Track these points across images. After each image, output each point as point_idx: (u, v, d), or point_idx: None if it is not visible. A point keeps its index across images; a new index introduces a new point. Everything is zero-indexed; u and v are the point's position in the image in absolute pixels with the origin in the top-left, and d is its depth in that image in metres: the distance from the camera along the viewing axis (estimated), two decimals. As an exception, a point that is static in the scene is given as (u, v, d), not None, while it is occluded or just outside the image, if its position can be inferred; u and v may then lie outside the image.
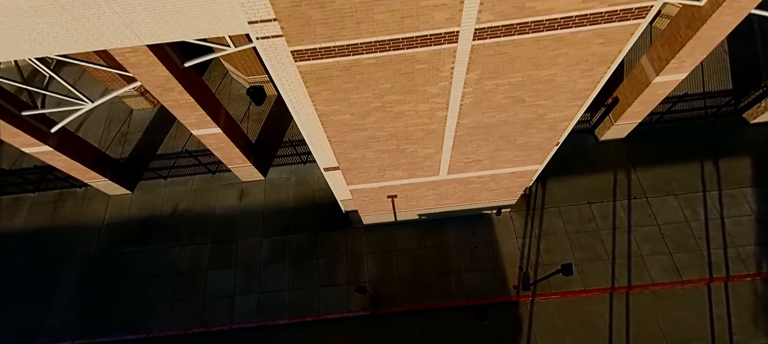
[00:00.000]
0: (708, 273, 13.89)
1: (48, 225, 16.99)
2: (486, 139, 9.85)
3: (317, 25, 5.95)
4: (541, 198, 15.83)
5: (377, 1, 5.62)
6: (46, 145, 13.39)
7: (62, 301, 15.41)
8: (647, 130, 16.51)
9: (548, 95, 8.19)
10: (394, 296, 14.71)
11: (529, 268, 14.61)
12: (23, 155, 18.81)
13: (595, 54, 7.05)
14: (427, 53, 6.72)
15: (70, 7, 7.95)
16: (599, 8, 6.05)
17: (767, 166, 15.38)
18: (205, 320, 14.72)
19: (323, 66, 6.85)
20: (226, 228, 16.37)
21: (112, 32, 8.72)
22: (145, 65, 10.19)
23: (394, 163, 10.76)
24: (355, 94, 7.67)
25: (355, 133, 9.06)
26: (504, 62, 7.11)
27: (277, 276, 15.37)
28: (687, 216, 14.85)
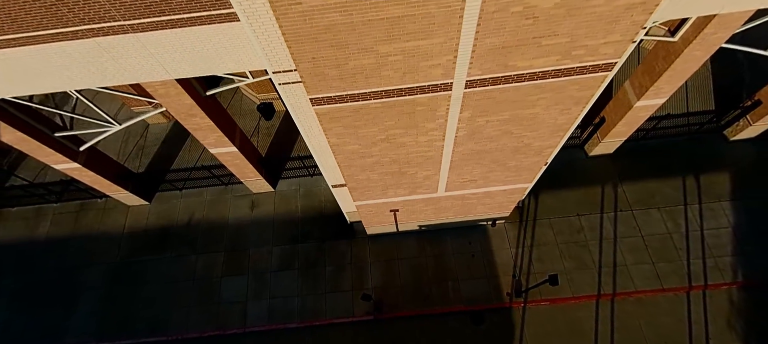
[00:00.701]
0: (687, 281, 14.95)
1: (71, 234, 18.12)
2: (479, 162, 10.94)
3: (333, 79, 7.06)
4: (533, 210, 16.91)
5: (384, 62, 6.72)
6: (75, 162, 14.52)
7: (86, 305, 16.52)
8: (634, 145, 17.58)
9: (533, 128, 9.28)
10: (396, 302, 15.79)
11: (521, 276, 15.68)
12: (46, 168, 19.93)
13: (571, 97, 8.14)
14: (426, 98, 7.82)
15: (116, 54, 9.09)
16: (571, 64, 7.15)
17: (745, 181, 16.44)
18: (220, 324, 15.82)
19: (336, 108, 7.95)
20: (239, 237, 17.47)
21: (147, 70, 9.85)
22: (172, 95, 11.32)
23: (396, 183, 11.85)
24: (363, 129, 8.77)
25: (362, 160, 10.16)
26: (492, 104, 8.20)
27: (287, 282, 16.47)
28: (669, 228, 15.92)
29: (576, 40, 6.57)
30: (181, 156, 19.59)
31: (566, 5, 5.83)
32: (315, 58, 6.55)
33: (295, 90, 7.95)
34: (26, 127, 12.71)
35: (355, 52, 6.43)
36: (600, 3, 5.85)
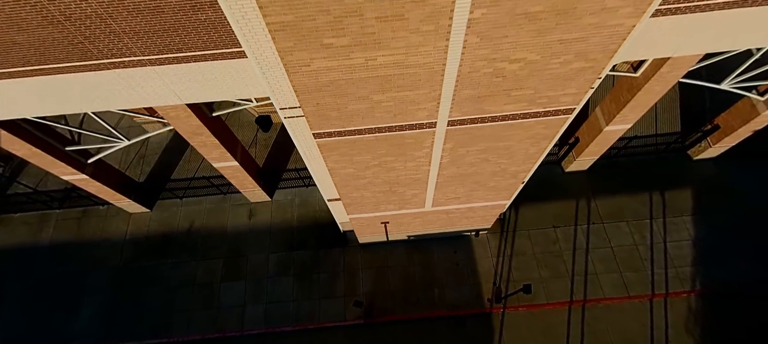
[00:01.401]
0: (651, 289, 16.40)
1: (74, 240, 18.83)
2: (462, 183, 12.14)
3: (333, 119, 8.17)
4: (514, 222, 18.21)
5: (378, 107, 7.85)
6: (83, 173, 15.33)
7: (90, 309, 17.28)
8: (606, 163, 19.01)
9: (507, 157, 10.51)
10: (385, 307, 16.92)
11: (501, 284, 16.96)
12: (47, 174, 20.56)
13: (539, 133, 9.38)
14: (414, 134, 8.97)
15: (134, 83, 10.06)
16: (537, 109, 8.37)
17: (705, 198, 17.99)
18: (219, 327, 16.75)
19: (335, 140, 9.06)
20: (237, 244, 18.41)
21: (162, 97, 10.83)
22: (182, 118, 12.28)
23: (387, 200, 12.99)
24: (358, 157, 9.89)
25: (357, 180, 11.27)
26: (471, 138, 9.40)
27: (283, 288, 17.47)
28: (636, 240, 17.37)
29: (539, 92, 7.80)
30: (181, 165, 20.43)
31: (529, 68, 7.05)
32: (319, 104, 7.65)
33: (299, 123, 9.03)
34: (40, 142, 13.52)
35: (353, 100, 7.55)
36: (556, 66, 7.08)
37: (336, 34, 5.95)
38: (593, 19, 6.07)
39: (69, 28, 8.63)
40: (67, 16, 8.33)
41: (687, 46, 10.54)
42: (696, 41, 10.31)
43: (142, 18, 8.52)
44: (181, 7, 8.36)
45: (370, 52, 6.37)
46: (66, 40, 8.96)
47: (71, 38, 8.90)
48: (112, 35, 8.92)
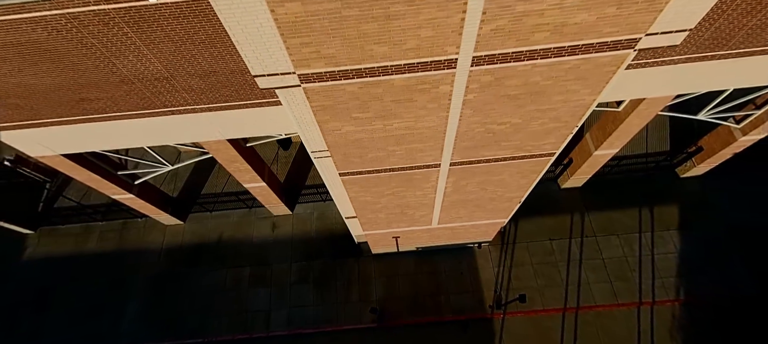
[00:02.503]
0: (638, 298, 17.96)
1: (116, 249, 21.00)
2: (464, 206, 13.91)
3: (356, 163, 10.02)
4: (513, 235, 19.90)
5: (392, 155, 9.68)
6: (131, 193, 17.44)
7: (132, 312, 19.40)
8: (599, 180, 20.55)
9: (502, 187, 12.26)
10: (396, 311, 18.74)
11: (501, 291, 18.67)
12: (90, 189, 22.76)
13: (527, 169, 11.12)
14: (421, 172, 10.79)
15: (187, 124, 12.04)
16: (523, 153, 10.13)
17: (690, 213, 19.47)
18: (247, 329, 18.73)
19: (356, 177, 10.92)
20: (262, 254, 20.39)
21: (208, 134, 12.81)
22: (222, 149, 14.26)
23: (398, 219, 14.81)
24: (375, 188, 11.73)
25: (373, 205, 13.12)
26: (470, 174, 11.18)
27: (303, 294, 19.40)
28: (625, 252, 18.93)
29: (524, 142, 9.56)
30: (210, 181, 22.50)
31: (513, 128, 8.82)
32: (345, 153, 9.51)
33: (327, 162, 10.92)
34: (98, 169, 15.63)
35: (372, 151, 9.40)
36: (536, 126, 8.83)
37: (362, 112, 7.81)
38: (560, 97, 7.83)
39: (139, 87, 10.61)
40: (139, 78, 10.31)
41: (655, 91, 12.20)
42: (662, 87, 11.95)
43: (200, 79, 10.47)
44: (231, 72, 10.28)
45: (388, 121, 8.21)
46: (136, 95, 10.95)
47: (140, 94, 10.89)
48: (173, 91, 10.89)
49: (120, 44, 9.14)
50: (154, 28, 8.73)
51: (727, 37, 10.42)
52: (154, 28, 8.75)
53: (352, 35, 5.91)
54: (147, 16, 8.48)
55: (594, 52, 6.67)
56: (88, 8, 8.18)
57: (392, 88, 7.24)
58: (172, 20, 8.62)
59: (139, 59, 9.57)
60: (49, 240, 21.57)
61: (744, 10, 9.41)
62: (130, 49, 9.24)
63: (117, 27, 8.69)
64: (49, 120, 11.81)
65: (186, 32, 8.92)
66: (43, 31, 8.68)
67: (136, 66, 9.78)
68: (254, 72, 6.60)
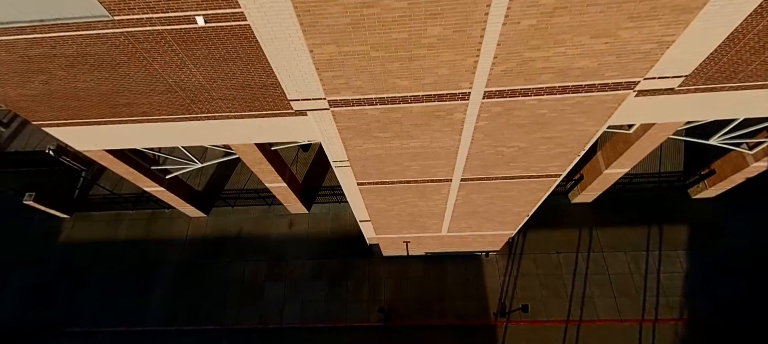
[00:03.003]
0: (641, 315, 18.31)
1: (144, 237, 22.41)
2: (473, 217, 14.62)
3: (374, 174, 10.87)
4: (521, 246, 20.45)
5: (408, 169, 10.49)
6: (162, 186, 18.72)
7: (157, 296, 20.74)
8: (610, 196, 20.87)
9: (510, 201, 12.92)
10: (403, 312, 19.55)
11: (506, 300, 19.27)
12: (122, 180, 24.26)
13: (535, 188, 11.77)
14: (434, 185, 11.56)
15: (219, 128, 13.10)
16: (530, 174, 10.80)
17: (700, 235, 19.65)
18: (263, 319, 19.84)
19: (373, 187, 11.76)
20: (279, 249, 21.47)
21: (237, 137, 13.85)
22: (249, 152, 15.32)
23: (410, 226, 15.61)
24: (390, 197, 12.56)
25: (387, 212, 13.95)
26: (480, 188, 11.89)
27: (316, 290, 20.39)
28: (631, 269, 19.28)
29: (532, 165, 10.24)
30: (232, 178, 23.70)
31: (521, 151, 9.51)
32: (364, 165, 10.37)
33: (347, 172, 11.80)
34: (134, 164, 16.91)
35: (389, 165, 10.23)
36: (543, 151, 9.51)
37: (382, 132, 8.65)
38: (565, 127, 8.51)
39: (180, 95, 11.68)
40: (182, 87, 11.37)
41: (664, 117, 12.64)
42: (671, 113, 12.40)
43: (235, 90, 11.47)
44: (263, 86, 11.24)
45: (405, 140, 9.03)
46: (177, 102, 12.04)
47: (180, 101, 11.97)
48: (210, 100, 11.93)
49: (168, 59, 10.19)
50: (199, 46, 9.74)
51: (734, 72, 10.83)
52: (200, 47, 9.76)
53: (378, 72, 6.74)
54: (194, 36, 9.49)
55: (596, 91, 7.34)
56: (144, 28, 9.24)
57: (410, 114, 8.05)
58: (215, 40, 9.61)
59: (183, 72, 10.61)
60: (83, 224, 23.14)
61: (749, 50, 9.85)
62: (177, 63, 10.28)
63: (167, 44, 9.73)
64: (97, 119, 13.02)
65: (227, 51, 9.91)
66: (104, 45, 9.79)
67: (181, 78, 10.83)
68: (290, 96, 7.51)
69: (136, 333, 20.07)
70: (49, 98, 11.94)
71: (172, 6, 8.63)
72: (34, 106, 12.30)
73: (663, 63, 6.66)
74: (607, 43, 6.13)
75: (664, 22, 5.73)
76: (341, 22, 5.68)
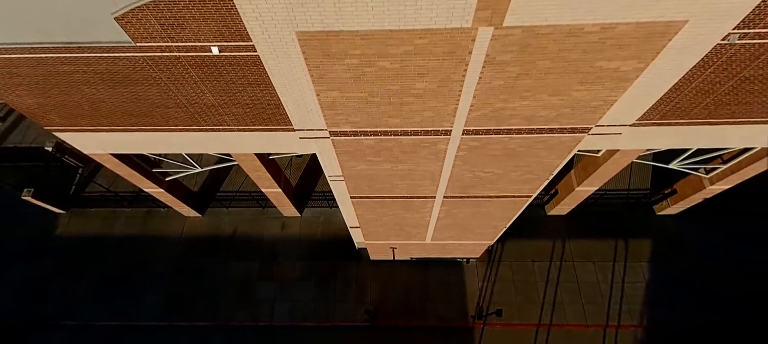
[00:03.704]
0: (606, 320, 19.97)
1: (140, 234, 23.14)
2: (455, 229, 15.95)
3: (365, 190, 12.08)
4: (500, 254, 21.91)
5: (396, 186, 11.73)
6: (161, 188, 19.56)
7: (152, 293, 21.53)
8: (583, 210, 22.51)
9: (488, 217, 14.29)
10: (388, 313, 20.81)
11: (484, 304, 20.70)
12: (118, 177, 24.88)
13: (510, 206, 13.15)
14: (420, 200, 12.83)
15: (223, 139, 14.12)
16: (505, 194, 12.15)
17: (662, 248, 21.42)
18: (254, 316, 20.84)
19: (365, 200, 12.97)
20: (271, 250, 22.48)
21: (238, 147, 14.87)
22: (249, 160, 16.34)
23: (397, 234, 16.87)
24: (379, 209, 13.79)
25: (376, 221, 15.18)
26: (461, 204, 13.21)
27: (306, 290, 21.48)
28: (599, 278, 20.93)
29: (505, 187, 11.59)
30: (228, 180, 24.59)
31: (496, 176, 10.85)
32: (357, 182, 11.57)
33: (341, 186, 12.98)
34: (137, 167, 17.74)
35: (379, 182, 11.45)
36: (514, 176, 10.86)
37: (375, 157, 9.87)
38: (533, 159, 9.87)
39: (190, 110, 12.68)
40: (192, 104, 12.36)
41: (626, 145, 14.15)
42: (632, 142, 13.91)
43: (241, 108, 12.51)
44: (268, 105, 12.31)
45: (395, 164, 10.27)
46: (186, 116, 13.01)
47: (189, 115, 12.95)
48: (218, 115, 12.94)
49: (182, 79, 11.20)
50: (212, 70, 10.78)
51: (686, 111, 12.38)
52: (212, 71, 10.80)
53: (374, 112, 7.96)
54: (208, 62, 10.52)
55: (556, 133, 8.70)
56: (163, 54, 10.24)
57: (400, 144, 9.29)
58: (227, 66, 10.66)
59: (195, 91, 11.62)
60: (79, 220, 23.73)
61: (690, 99, 11.38)
62: (190, 84, 11.29)
63: (183, 67, 10.75)
64: (108, 127, 13.89)
65: (236, 75, 10.96)
66: (124, 66, 10.75)
67: (192, 96, 11.83)
68: (296, 127, 8.67)
69: (132, 327, 20.85)
70: (64, 107, 12.78)
71: (191, 37, 9.67)
72: (48, 114, 13.11)
73: (610, 115, 8.04)
74: (563, 99, 7.47)
75: (607, 88, 7.09)
76: (345, 76, 6.88)
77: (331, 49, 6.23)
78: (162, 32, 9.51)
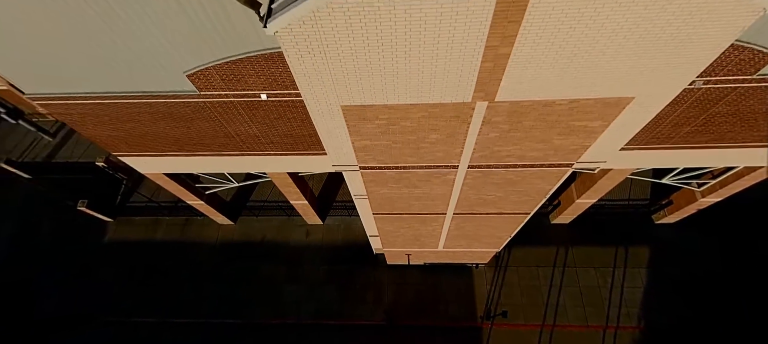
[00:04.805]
0: (605, 322, 21.57)
1: (179, 240, 25.68)
2: (464, 237, 17.87)
3: (386, 207, 14.11)
4: (506, 259, 23.70)
5: (411, 205, 13.74)
6: (201, 200, 21.99)
7: (189, 293, 24.01)
8: (585, 219, 24.10)
9: (494, 229, 16.17)
10: (403, 314, 22.81)
11: (491, 306, 22.53)
12: (159, 188, 27.51)
13: (512, 220, 15.01)
14: (432, 216, 14.82)
15: (261, 161, 16.35)
16: (506, 211, 14.04)
17: (659, 256, 22.88)
18: (282, 315, 23.11)
19: (385, 215, 15.02)
20: (296, 255, 24.73)
21: (272, 167, 17.09)
22: (281, 177, 18.58)
23: (412, 243, 18.88)
24: (397, 223, 15.82)
25: (394, 233, 17.22)
26: (468, 220, 15.14)
27: (329, 292, 23.65)
28: (600, 283, 22.52)
29: (506, 206, 13.48)
30: (257, 191, 26.96)
31: (498, 198, 12.75)
32: (379, 202, 13.63)
33: (364, 203, 15.06)
34: (183, 183, 20.18)
35: (399, 202, 13.48)
36: (513, 198, 12.74)
37: (395, 184, 11.91)
38: (528, 185, 11.76)
39: (237, 140, 14.92)
40: (239, 135, 14.61)
41: (618, 165, 15.87)
42: (623, 162, 15.63)
43: (280, 138, 14.71)
44: (303, 135, 14.48)
45: (412, 189, 12.28)
46: (232, 144, 15.28)
47: (235, 143, 15.21)
48: (259, 143, 15.17)
49: (233, 117, 13.43)
50: (259, 110, 12.98)
51: (666, 139, 14.07)
52: (259, 110, 13.00)
53: (395, 153, 10.00)
54: (256, 104, 12.73)
55: (545, 167, 10.60)
56: (218, 99, 12.47)
57: (416, 175, 11.31)
58: (272, 107, 12.86)
59: (243, 125, 13.86)
60: (125, 228, 26.42)
61: (673, 126, 13.09)
62: (239, 120, 13.53)
63: (234, 108, 12.97)
64: (165, 153, 16.27)
65: (279, 113, 13.15)
66: (186, 107, 13.03)
67: (240, 129, 14.07)
68: (333, 163, 10.75)
69: (171, 324, 23.35)
70: (131, 138, 15.19)
71: (245, 87, 11.88)
72: (118, 143, 15.54)
73: (588, 154, 9.91)
74: (547, 145, 9.37)
75: (581, 137, 8.98)
76: (375, 130, 8.93)
77: (365, 114, 8.28)
78: (222, 84, 11.75)
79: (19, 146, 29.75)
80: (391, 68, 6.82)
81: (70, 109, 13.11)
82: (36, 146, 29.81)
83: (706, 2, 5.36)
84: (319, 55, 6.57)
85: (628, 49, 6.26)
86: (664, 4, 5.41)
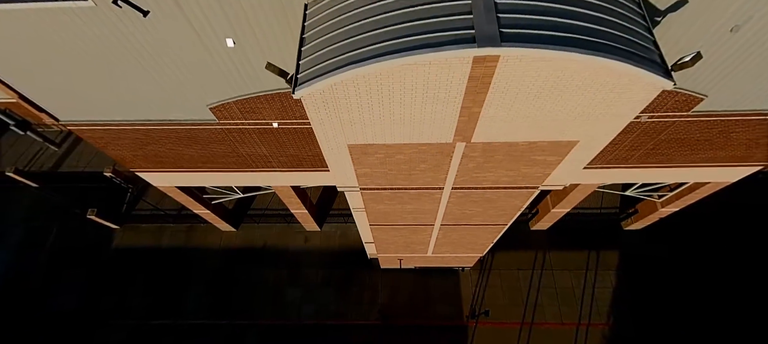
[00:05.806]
0: (578, 320, 23.81)
1: (184, 246, 27.18)
2: (450, 244, 19.88)
3: (381, 219, 16.03)
4: (490, 263, 25.79)
5: (404, 218, 15.68)
6: (207, 209, 23.60)
7: (194, 295, 25.56)
8: (561, 225, 26.33)
9: (476, 237, 18.21)
10: (395, 314, 24.71)
11: (476, 306, 24.59)
12: (164, 196, 28.94)
13: (491, 230, 17.06)
14: (422, 227, 16.78)
15: (269, 177, 18.12)
16: (486, 223, 16.07)
17: (627, 259, 25.23)
18: (283, 316, 24.81)
19: (380, 226, 16.93)
20: (296, 260, 26.46)
21: (279, 181, 18.86)
22: (284, 190, 20.34)
23: (403, 249, 20.82)
24: (390, 232, 17.75)
25: (387, 241, 19.14)
26: (454, 229, 17.14)
27: (326, 294, 25.43)
28: (573, 284, 24.77)
29: (486, 219, 15.51)
30: (258, 199, 28.60)
31: (477, 213, 14.77)
32: (375, 215, 15.54)
33: (362, 214, 16.95)
34: (192, 194, 21.79)
35: (393, 215, 15.41)
36: (491, 213, 14.77)
37: (390, 201, 13.84)
38: (503, 202, 13.79)
39: (248, 160, 16.68)
40: (249, 155, 16.35)
41: (585, 180, 18.04)
42: (589, 178, 17.81)
43: (288, 158, 16.51)
44: (308, 156, 16.30)
45: (404, 205, 14.22)
46: (243, 162, 17.01)
47: (245, 161, 16.95)
48: (267, 162, 16.94)
49: (246, 140, 15.19)
50: (270, 135, 14.78)
51: (624, 160, 16.28)
52: (270, 135, 14.79)
53: (391, 178, 11.93)
54: (268, 130, 14.52)
55: (516, 188, 12.64)
56: (235, 126, 14.23)
57: (408, 194, 13.25)
58: (281, 132, 14.66)
59: (254, 148, 15.63)
60: (131, 234, 27.80)
61: (629, 149, 15.28)
62: (251, 144, 15.30)
63: (248, 133, 14.74)
64: (180, 169, 17.90)
65: (288, 138, 14.97)
66: (204, 132, 14.75)
67: (251, 150, 15.84)
68: (338, 185, 12.62)
69: (177, 325, 24.86)
70: (151, 157, 16.81)
71: (259, 117, 13.66)
72: (138, 161, 17.14)
73: (551, 178, 11.97)
74: (515, 172, 11.41)
75: (542, 167, 11.03)
76: (374, 161, 10.85)
77: (367, 150, 10.19)
78: (240, 115, 13.53)
79: (26, 155, 30.85)
80: (388, 120, 8.75)
81: (100, 134, 14.73)
82: (42, 155, 30.96)
83: (612, 87, 7.42)
84: (332, 110, 8.46)
85: (561, 116, 8.31)
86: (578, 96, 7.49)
